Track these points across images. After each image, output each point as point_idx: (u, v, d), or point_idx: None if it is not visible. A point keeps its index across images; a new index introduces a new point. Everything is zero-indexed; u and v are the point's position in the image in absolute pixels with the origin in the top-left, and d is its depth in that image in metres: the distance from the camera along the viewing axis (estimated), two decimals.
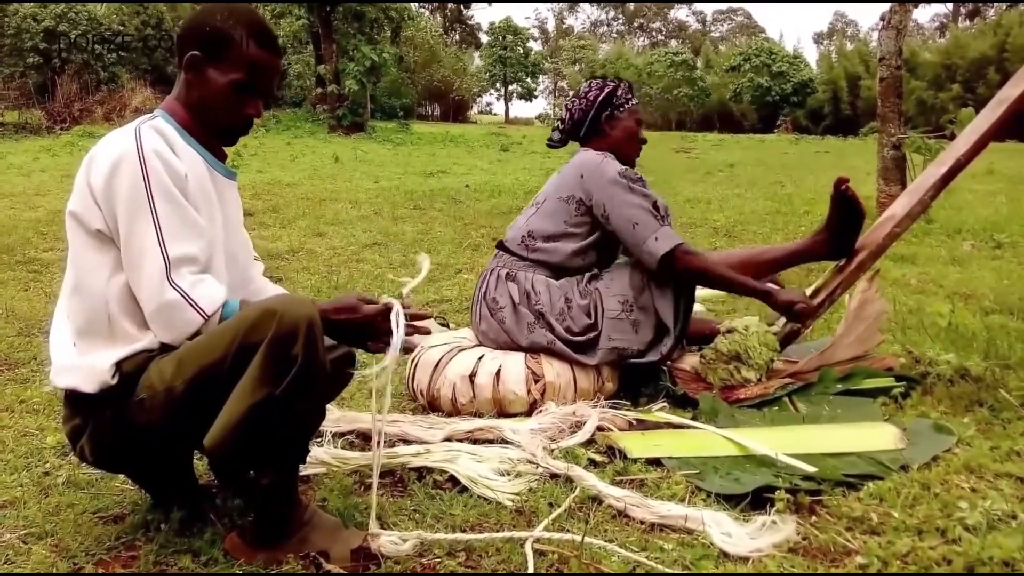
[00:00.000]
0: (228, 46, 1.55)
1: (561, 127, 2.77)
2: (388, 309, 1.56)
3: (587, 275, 2.57)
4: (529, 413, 2.35)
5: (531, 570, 1.50)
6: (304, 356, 1.39)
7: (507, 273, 2.58)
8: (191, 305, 1.45)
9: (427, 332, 1.67)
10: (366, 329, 1.57)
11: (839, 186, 2.54)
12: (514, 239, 2.63)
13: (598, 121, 2.68)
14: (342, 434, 2.20)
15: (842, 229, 2.61)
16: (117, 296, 1.50)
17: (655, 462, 2.00)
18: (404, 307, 1.57)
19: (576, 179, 2.57)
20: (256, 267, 1.84)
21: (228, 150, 1.71)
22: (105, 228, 1.48)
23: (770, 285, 2.56)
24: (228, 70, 1.56)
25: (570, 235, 2.57)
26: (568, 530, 1.64)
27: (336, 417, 2.25)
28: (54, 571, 1.52)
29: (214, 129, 1.63)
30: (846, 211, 2.57)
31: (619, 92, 2.69)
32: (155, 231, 1.45)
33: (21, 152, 12.55)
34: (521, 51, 45.50)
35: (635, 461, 2.00)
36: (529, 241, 2.59)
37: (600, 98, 2.67)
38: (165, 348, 1.51)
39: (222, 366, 1.41)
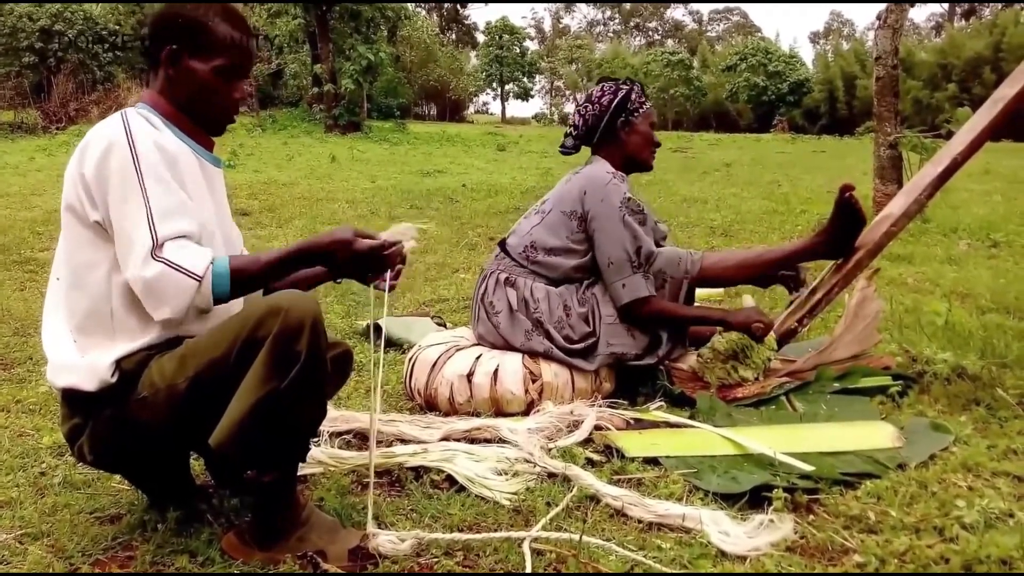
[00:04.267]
0: (204, 34, 1.56)
1: (574, 133, 2.69)
2: (385, 244, 1.55)
3: (585, 282, 2.56)
4: (527, 413, 2.35)
5: (529, 569, 1.50)
6: (308, 351, 1.39)
7: (506, 278, 2.57)
8: (177, 270, 1.40)
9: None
10: (364, 261, 1.55)
11: (844, 192, 2.52)
12: (517, 246, 2.60)
13: (613, 128, 2.62)
14: (339, 434, 2.20)
15: (842, 233, 2.60)
16: (121, 291, 1.49)
17: (653, 461, 2.00)
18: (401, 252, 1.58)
19: (579, 194, 2.54)
20: None
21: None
22: (101, 218, 1.46)
23: (725, 310, 2.63)
24: (209, 58, 1.56)
25: (571, 251, 2.54)
26: (566, 529, 1.64)
27: (333, 417, 2.24)
28: (50, 571, 1.52)
29: (204, 119, 1.62)
30: (848, 217, 2.55)
31: (633, 96, 2.63)
32: (146, 212, 1.42)
33: (17, 152, 12.50)
34: (518, 51, 45.44)
35: (633, 460, 2.00)
36: (531, 252, 2.57)
37: (615, 103, 2.61)
38: (166, 346, 1.51)
39: (226, 362, 1.41)
